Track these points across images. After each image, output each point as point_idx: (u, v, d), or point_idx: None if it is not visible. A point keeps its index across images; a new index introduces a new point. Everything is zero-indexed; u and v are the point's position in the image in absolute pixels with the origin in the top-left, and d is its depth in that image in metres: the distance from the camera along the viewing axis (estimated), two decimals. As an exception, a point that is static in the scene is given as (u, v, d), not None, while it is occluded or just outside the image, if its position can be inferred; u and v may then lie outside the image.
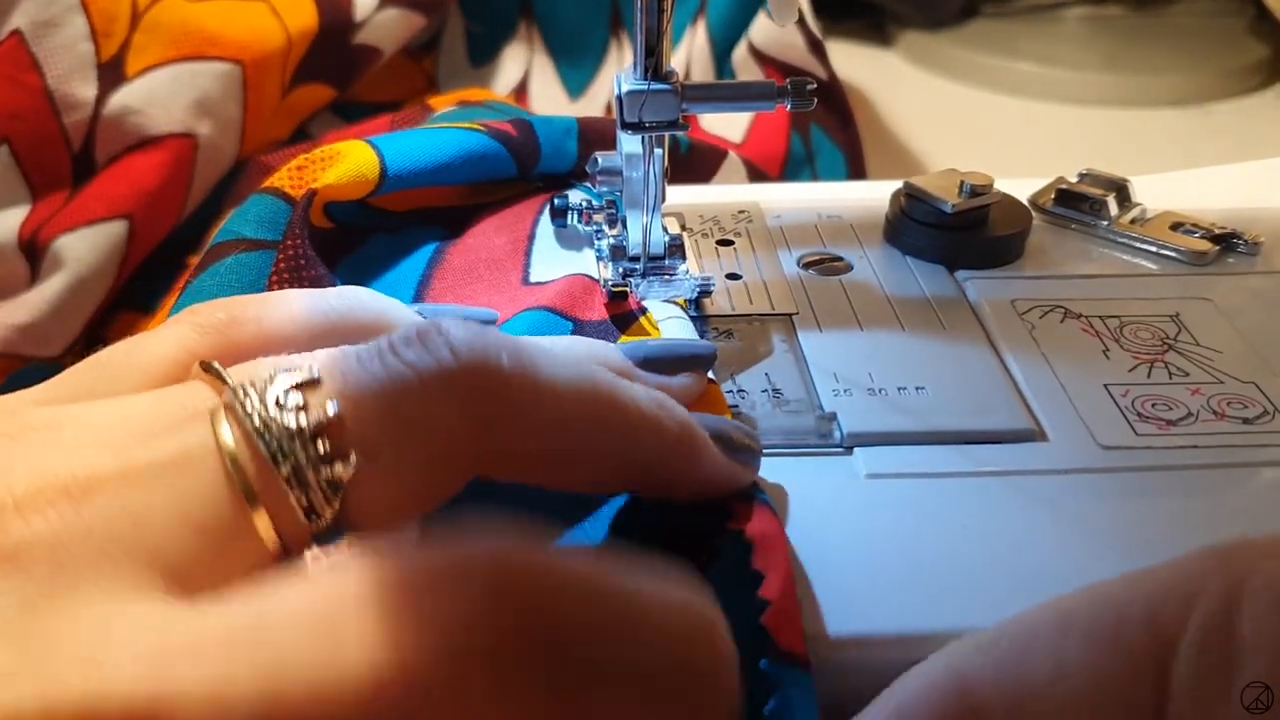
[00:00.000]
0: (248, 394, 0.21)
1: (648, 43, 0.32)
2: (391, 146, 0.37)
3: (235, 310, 0.26)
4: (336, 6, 0.52)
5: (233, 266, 0.33)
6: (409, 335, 0.22)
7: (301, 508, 0.20)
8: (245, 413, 0.21)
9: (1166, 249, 0.38)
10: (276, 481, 0.20)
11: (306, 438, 0.20)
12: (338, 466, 0.20)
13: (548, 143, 0.40)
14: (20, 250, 0.42)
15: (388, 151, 0.37)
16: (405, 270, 0.37)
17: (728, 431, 0.26)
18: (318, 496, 0.20)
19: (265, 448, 0.20)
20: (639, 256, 0.36)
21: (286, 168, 0.36)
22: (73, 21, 0.43)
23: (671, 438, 0.24)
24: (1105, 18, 0.76)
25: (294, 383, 0.21)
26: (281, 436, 0.20)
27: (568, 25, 0.64)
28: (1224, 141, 0.62)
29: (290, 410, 0.21)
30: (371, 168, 0.36)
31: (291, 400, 0.21)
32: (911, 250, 0.38)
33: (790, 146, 0.54)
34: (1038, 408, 0.31)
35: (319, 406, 0.21)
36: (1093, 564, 0.26)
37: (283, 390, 0.21)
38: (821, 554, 0.26)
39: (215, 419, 0.21)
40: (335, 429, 0.21)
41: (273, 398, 0.21)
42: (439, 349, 0.21)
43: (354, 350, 0.22)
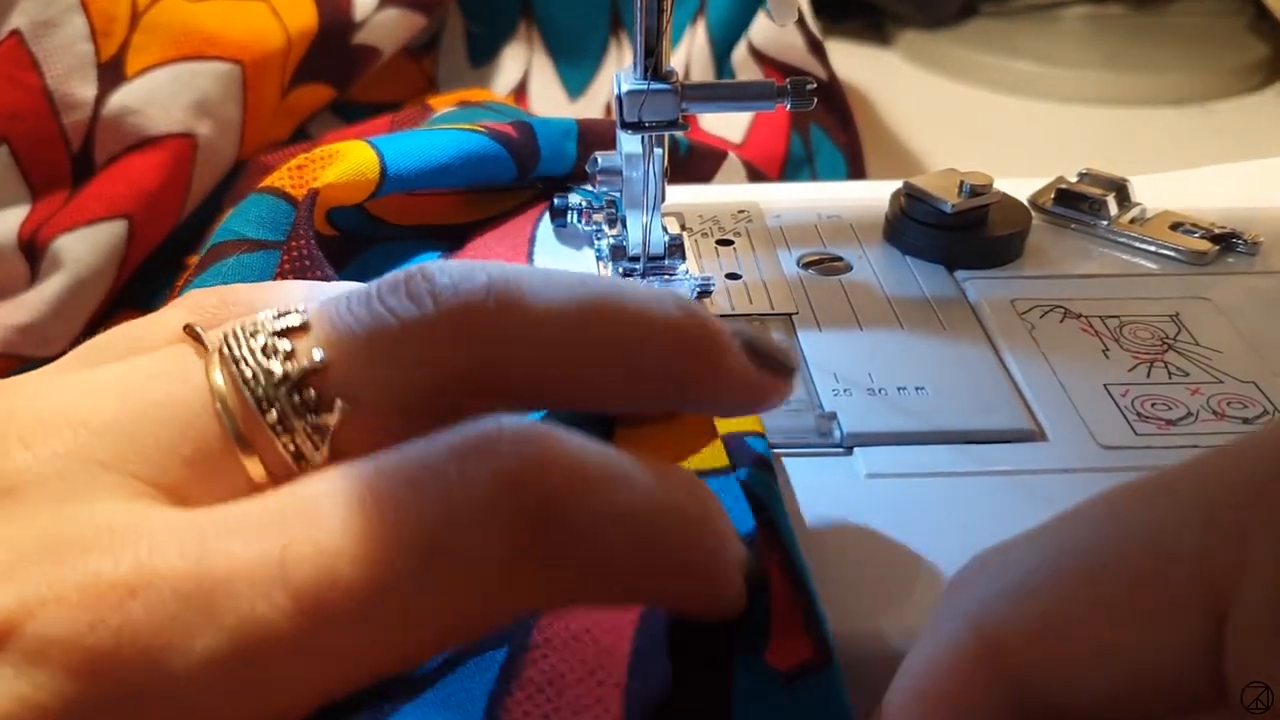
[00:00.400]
0: (238, 339, 0.21)
1: (647, 42, 0.32)
2: (391, 147, 0.37)
3: (228, 296, 0.26)
4: (336, 6, 0.52)
5: (235, 266, 0.33)
6: (395, 281, 0.22)
7: (289, 453, 0.21)
8: (234, 357, 0.21)
9: (1166, 249, 0.38)
10: (264, 427, 0.21)
11: (292, 385, 0.21)
12: (323, 414, 0.21)
13: (547, 145, 0.40)
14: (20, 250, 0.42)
15: (388, 151, 0.37)
16: None
17: (756, 338, 0.24)
18: (305, 442, 0.21)
19: (251, 394, 0.21)
20: (639, 256, 0.36)
21: (286, 166, 0.36)
22: (72, 21, 0.43)
23: (684, 335, 0.23)
24: (1105, 17, 0.76)
25: (283, 327, 0.21)
26: (268, 384, 0.21)
27: (567, 25, 0.64)
28: (1224, 141, 0.62)
29: (277, 357, 0.21)
30: (372, 167, 0.36)
31: (280, 346, 0.21)
32: (911, 250, 0.38)
33: (790, 147, 0.54)
34: (1037, 407, 0.31)
35: (305, 354, 0.21)
36: (1093, 564, 0.26)
37: (271, 335, 0.21)
38: (821, 554, 0.26)
39: (209, 363, 0.21)
40: (320, 376, 0.21)
41: (260, 343, 0.21)
42: (421, 295, 0.21)
43: (345, 296, 0.22)
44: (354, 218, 0.39)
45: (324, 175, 0.35)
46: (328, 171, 0.35)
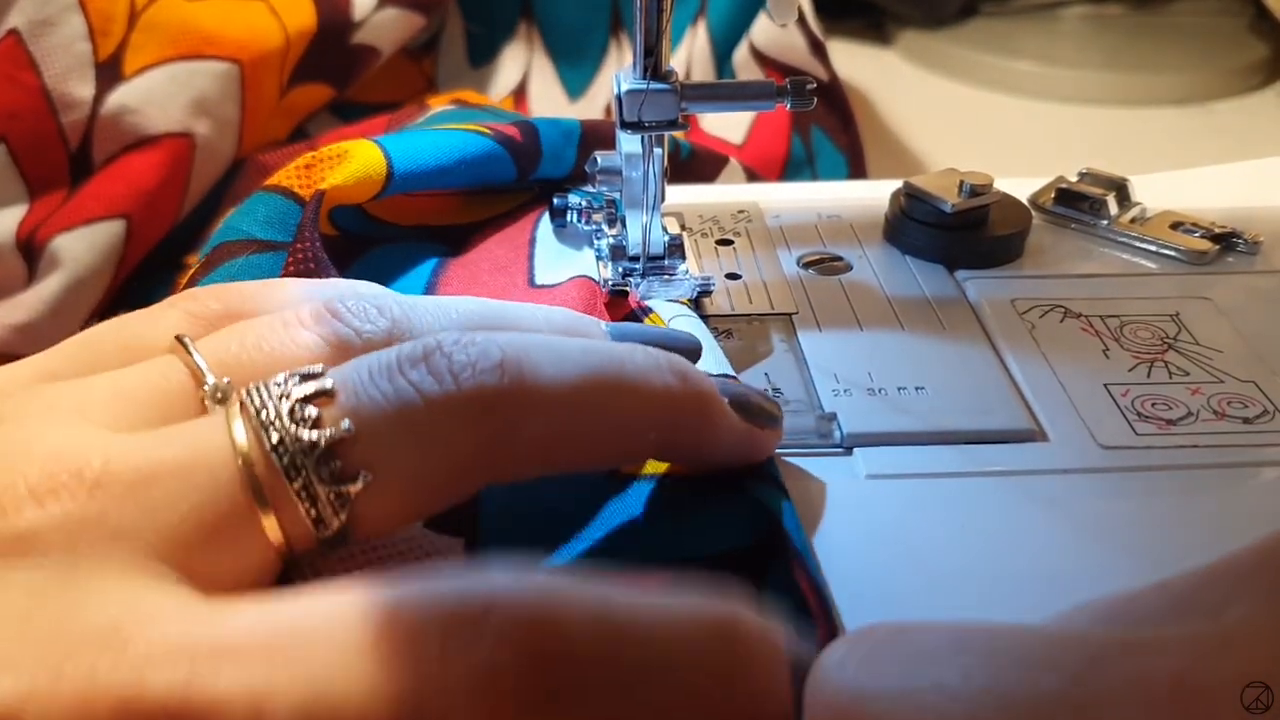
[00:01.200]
0: (264, 399, 0.22)
1: (647, 42, 0.32)
2: (398, 147, 0.37)
3: (232, 300, 0.26)
4: (335, 6, 0.52)
5: (244, 267, 0.33)
6: (416, 355, 0.22)
7: (310, 519, 0.21)
8: (261, 421, 0.21)
9: (1166, 248, 0.38)
10: (288, 492, 0.21)
11: (321, 454, 0.21)
12: (347, 484, 0.21)
13: (549, 148, 0.40)
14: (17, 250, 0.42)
15: (394, 152, 0.36)
16: (409, 280, 0.37)
17: (745, 396, 0.26)
18: (326, 509, 0.21)
19: (279, 461, 0.21)
20: (639, 256, 0.35)
21: (294, 166, 0.36)
22: (70, 21, 0.43)
23: (681, 403, 0.24)
24: (1105, 16, 0.76)
25: (309, 393, 0.22)
26: (296, 451, 0.21)
27: (567, 26, 0.64)
28: (1224, 140, 0.62)
29: (305, 424, 0.21)
30: (379, 168, 0.36)
31: (307, 413, 0.21)
32: (911, 250, 0.38)
33: (791, 148, 0.54)
34: (1038, 407, 0.30)
35: (333, 423, 0.21)
36: (1093, 564, 0.25)
37: (298, 400, 0.22)
38: (821, 554, 0.26)
39: (230, 419, 0.21)
40: (347, 446, 0.21)
41: (288, 408, 0.21)
42: (442, 373, 0.22)
43: (366, 365, 0.22)
44: (355, 218, 0.39)
45: (332, 176, 0.35)
46: (336, 172, 0.35)
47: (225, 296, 0.26)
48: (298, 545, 0.22)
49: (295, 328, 0.24)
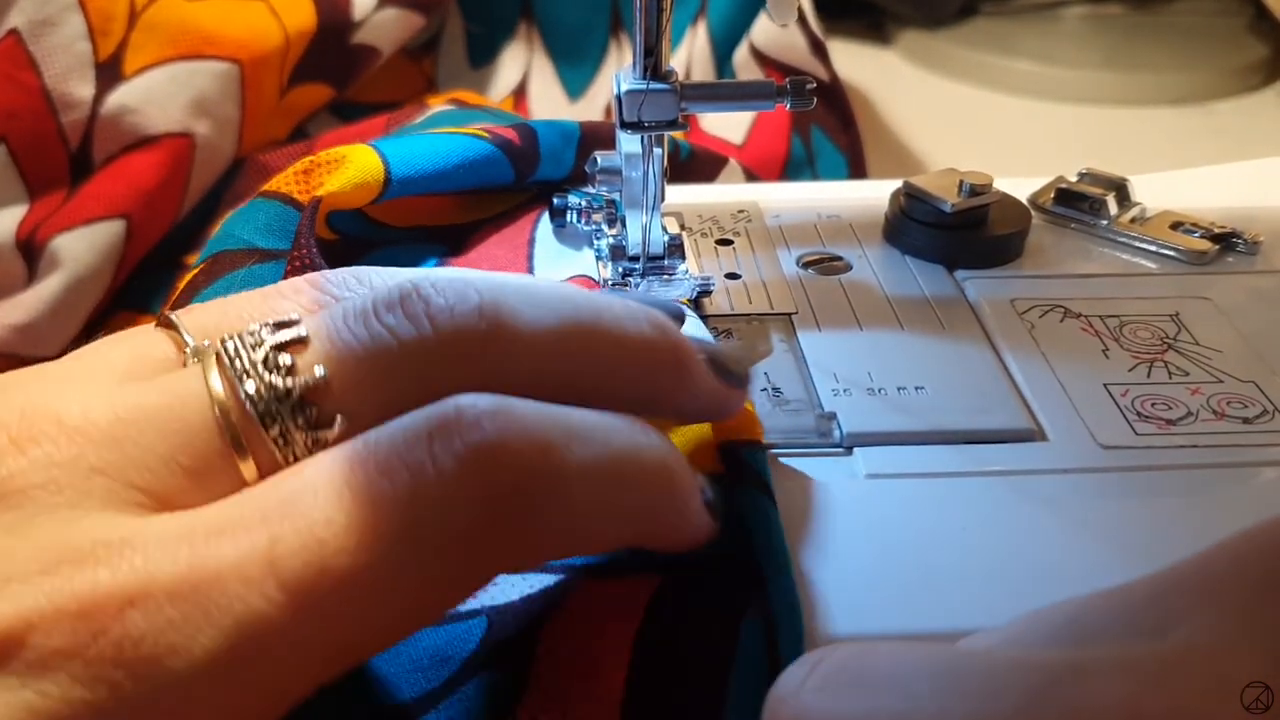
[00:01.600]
0: (239, 349, 0.22)
1: (646, 42, 0.32)
2: (396, 152, 0.37)
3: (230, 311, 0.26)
4: (335, 6, 0.52)
5: (246, 278, 0.33)
6: (391, 300, 0.22)
7: (287, 462, 0.21)
8: (235, 370, 0.22)
9: (1166, 248, 0.38)
10: (264, 439, 0.21)
11: (295, 401, 0.21)
12: (323, 429, 0.21)
13: (547, 151, 0.40)
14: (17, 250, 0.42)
15: (392, 157, 0.36)
16: None
17: (720, 354, 0.26)
18: (304, 453, 0.21)
19: (255, 409, 0.21)
20: (638, 256, 0.35)
21: (292, 171, 0.36)
22: (70, 20, 0.43)
23: (658, 353, 0.24)
24: (1105, 16, 0.76)
25: (283, 340, 0.22)
26: (270, 398, 0.21)
27: (568, 26, 0.64)
28: (1224, 140, 0.62)
29: (279, 372, 0.21)
30: (376, 173, 0.36)
31: (281, 360, 0.22)
32: (911, 250, 0.38)
33: (791, 148, 0.54)
34: (1037, 407, 0.30)
35: (307, 369, 0.22)
36: (1093, 563, 0.26)
37: (272, 348, 0.22)
38: (821, 554, 0.26)
39: (206, 369, 0.22)
40: (321, 392, 0.21)
41: (261, 355, 0.22)
42: (418, 315, 0.22)
43: (340, 310, 0.23)
44: (353, 221, 0.39)
45: (330, 182, 0.35)
46: (333, 178, 0.35)
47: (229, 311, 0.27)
48: None
49: (274, 298, 0.25)
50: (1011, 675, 0.18)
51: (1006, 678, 0.18)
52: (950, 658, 0.19)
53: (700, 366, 0.25)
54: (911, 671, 0.19)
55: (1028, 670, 0.18)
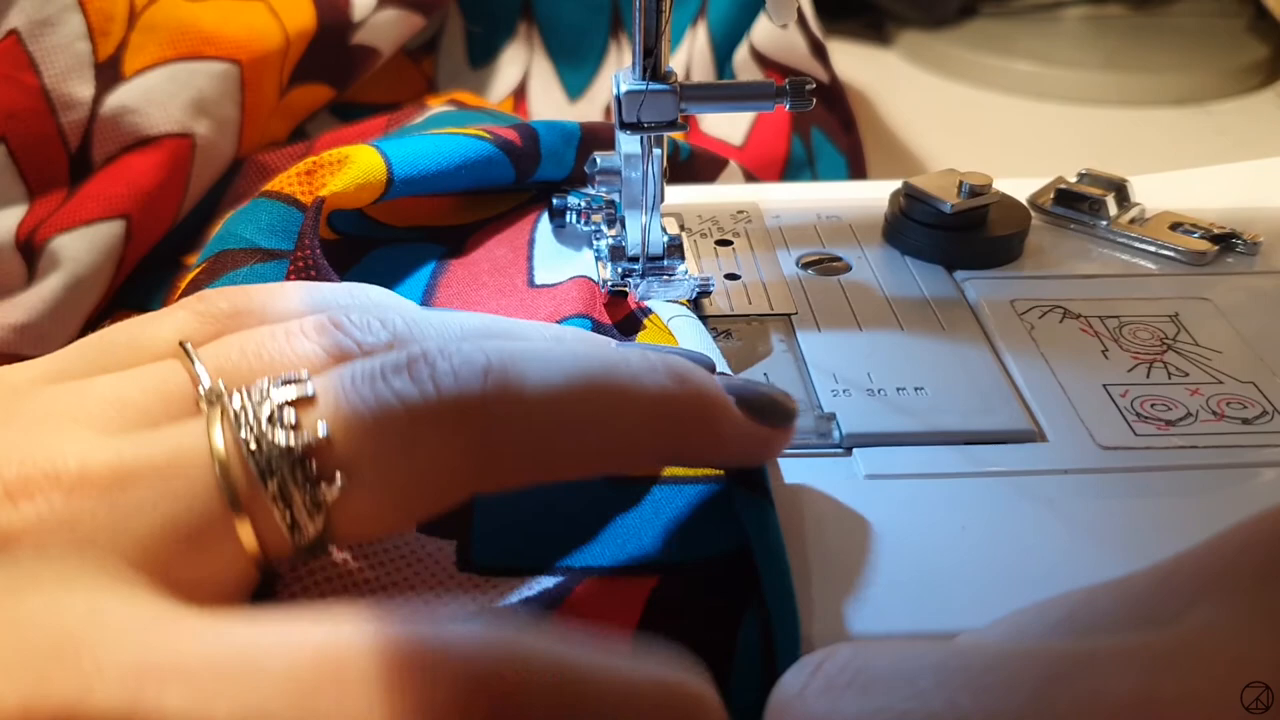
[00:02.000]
0: (245, 403, 0.22)
1: (646, 43, 0.32)
2: (398, 152, 0.37)
3: (239, 302, 0.26)
4: (335, 6, 0.52)
5: (248, 277, 0.33)
6: (400, 363, 0.22)
7: (285, 524, 0.21)
8: (239, 423, 0.21)
9: (1166, 249, 0.38)
10: (263, 497, 0.21)
11: (296, 458, 0.21)
12: (323, 488, 0.21)
13: (548, 151, 0.40)
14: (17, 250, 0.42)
15: (395, 157, 0.36)
16: (410, 283, 0.37)
17: (754, 393, 0.25)
18: (302, 514, 0.21)
19: (255, 464, 0.21)
20: (638, 257, 0.35)
21: (295, 172, 0.36)
22: (70, 21, 0.43)
23: (679, 407, 0.24)
24: (1104, 17, 0.76)
25: (290, 398, 0.22)
26: (272, 454, 0.21)
27: (568, 27, 0.64)
28: (1223, 141, 0.62)
29: (283, 428, 0.21)
30: (379, 174, 0.36)
31: (286, 417, 0.21)
32: (910, 250, 0.38)
33: (791, 149, 0.54)
34: (1037, 408, 0.31)
35: (310, 427, 0.21)
36: (1092, 564, 0.26)
37: (278, 405, 0.22)
38: (821, 555, 0.26)
39: (210, 422, 0.21)
40: (324, 451, 0.21)
41: (267, 411, 0.21)
42: (424, 380, 0.22)
43: (349, 371, 0.22)
44: (354, 221, 0.39)
45: (333, 183, 0.35)
46: (336, 179, 0.35)
47: (234, 298, 0.27)
48: (274, 553, 0.21)
49: (297, 337, 0.24)
50: (1021, 667, 0.18)
51: (1016, 670, 0.18)
52: (955, 653, 0.19)
53: (730, 412, 0.25)
54: (916, 669, 0.19)
55: (1037, 661, 0.18)
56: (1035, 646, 0.19)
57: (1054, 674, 0.18)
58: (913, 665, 0.19)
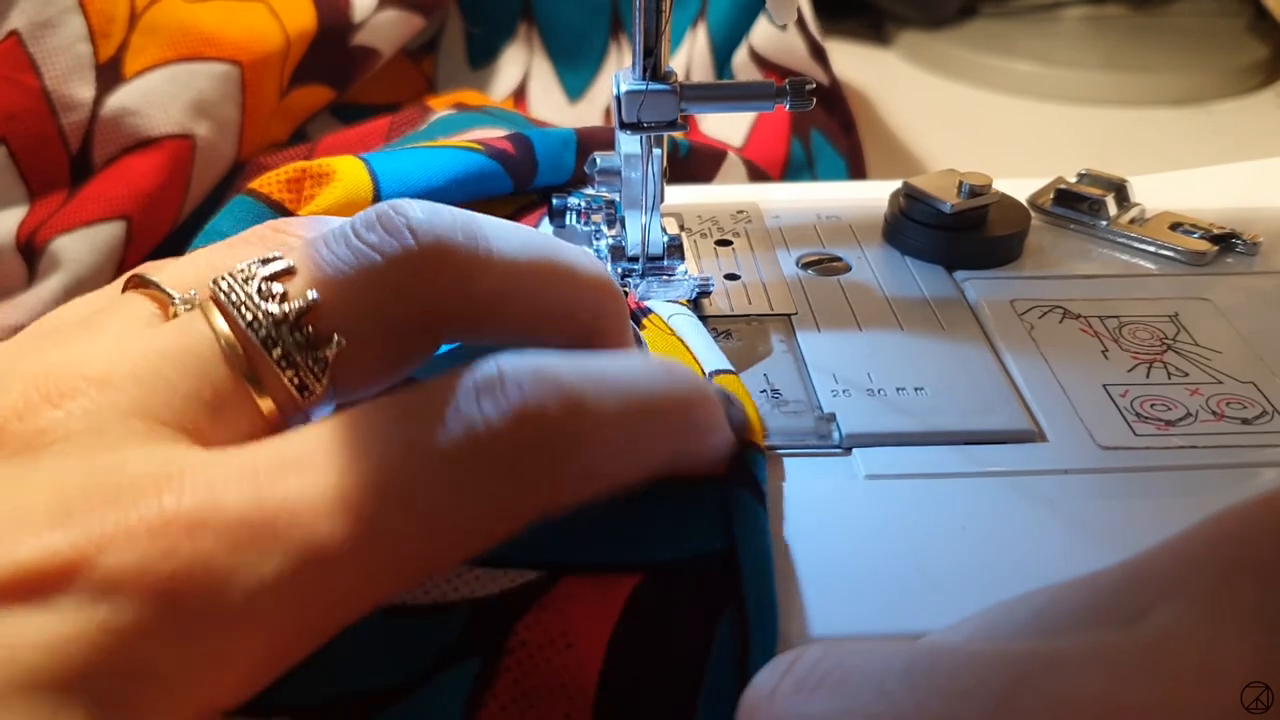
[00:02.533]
0: (231, 286, 0.23)
1: (646, 43, 0.32)
2: (387, 168, 0.36)
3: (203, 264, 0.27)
4: (335, 7, 0.52)
5: None
6: (370, 219, 0.24)
7: (294, 386, 0.23)
8: (232, 303, 0.23)
9: (1165, 249, 0.38)
10: (270, 364, 0.22)
11: (292, 324, 0.23)
12: (322, 348, 0.23)
13: (545, 158, 0.40)
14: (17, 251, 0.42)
15: (382, 174, 0.36)
16: None
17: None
18: (308, 375, 0.23)
19: (255, 336, 0.22)
20: (638, 257, 0.36)
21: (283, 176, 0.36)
22: (70, 22, 0.43)
23: (613, 297, 0.26)
24: (1104, 17, 0.76)
25: (272, 272, 0.23)
26: (269, 324, 0.22)
27: (567, 28, 0.64)
28: (1223, 141, 0.62)
29: (273, 299, 0.23)
30: (365, 190, 0.36)
31: (274, 289, 0.23)
32: (910, 250, 0.38)
33: (790, 151, 0.54)
34: (1037, 408, 0.31)
35: (299, 295, 0.23)
36: (1092, 564, 0.25)
37: (263, 280, 0.23)
38: (820, 555, 0.26)
39: (206, 309, 0.23)
40: (316, 314, 0.23)
41: (255, 288, 0.23)
42: (399, 230, 0.23)
43: (320, 238, 0.24)
44: None
45: (319, 198, 0.35)
46: (322, 195, 0.35)
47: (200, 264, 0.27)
48: (289, 412, 0.23)
49: (240, 246, 0.26)
50: (988, 668, 0.18)
51: (983, 671, 0.18)
52: (924, 654, 0.19)
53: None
54: (885, 669, 0.19)
55: (1004, 663, 0.18)
56: (1002, 648, 0.19)
57: (1020, 676, 0.18)
58: (882, 666, 0.19)
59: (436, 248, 0.23)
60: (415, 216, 0.24)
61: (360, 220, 0.24)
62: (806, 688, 0.19)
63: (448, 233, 0.24)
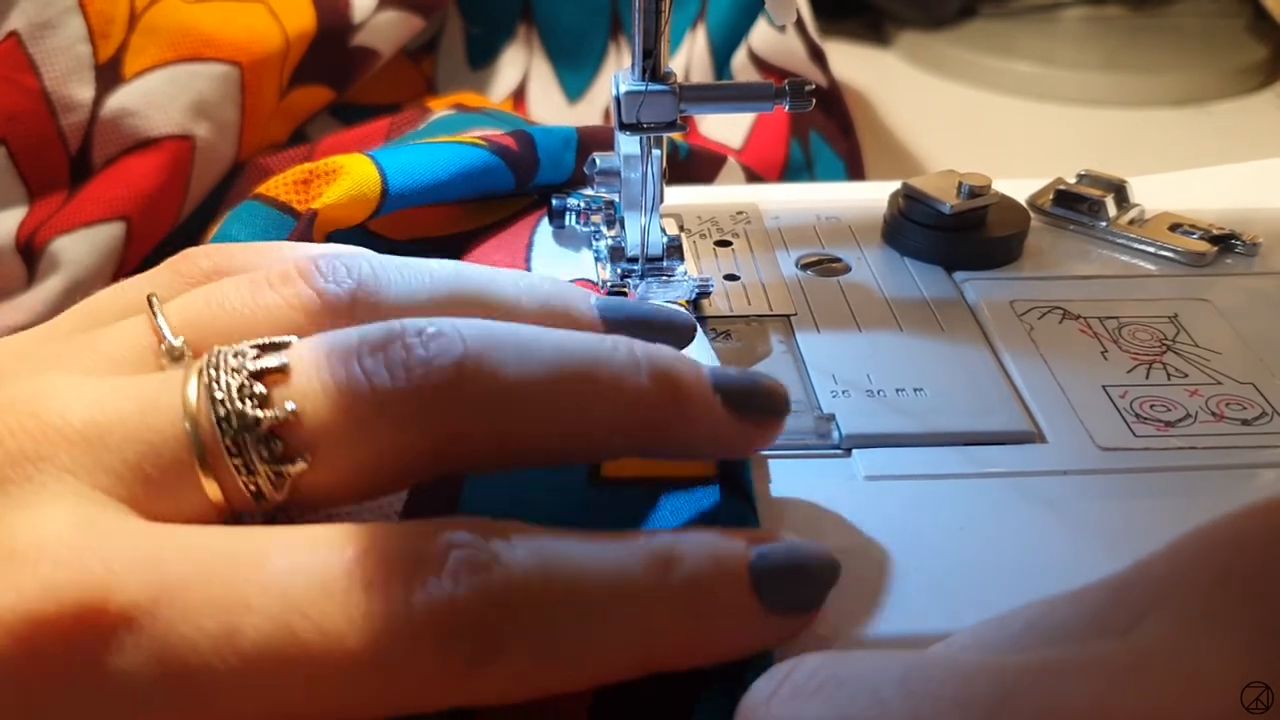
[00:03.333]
0: (218, 369, 0.22)
1: (645, 43, 0.32)
2: (394, 163, 0.37)
3: (220, 259, 0.27)
4: (335, 8, 0.52)
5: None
6: (376, 343, 0.22)
7: (250, 491, 0.22)
8: (212, 391, 0.22)
9: (1165, 250, 0.38)
10: (228, 464, 0.22)
11: (263, 434, 0.21)
12: (286, 465, 0.22)
13: (546, 155, 0.40)
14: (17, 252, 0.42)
15: (389, 168, 0.36)
16: None
17: (737, 385, 0.24)
18: (265, 484, 0.22)
19: (222, 434, 0.21)
20: (637, 258, 0.36)
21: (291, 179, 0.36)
22: (70, 23, 0.43)
23: (652, 407, 0.24)
24: (1104, 18, 0.76)
25: (265, 368, 0.22)
26: (240, 427, 0.21)
27: (567, 28, 0.64)
28: (1222, 142, 0.62)
29: (253, 401, 0.22)
30: (373, 186, 0.36)
31: (257, 390, 0.22)
32: (910, 251, 0.38)
33: (789, 153, 0.54)
34: (1036, 409, 0.31)
35: (279, 403, 0.22)
36: (1091, 564, 0.25)
37: (250, 374, 0.22)
38: (820, 556, 0.26)
39: (185, 380, 0.22)
40: (290, 428, 0.22)
41: (238, 383, 0.22)
42: (396, 365, 0.22)
43: (326, 345, 0.23)
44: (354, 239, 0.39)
45: (327, 193, 0.35)
46: (331, 190, 0.35)
47: (214, 255, 0.27)
48: (239, 508, 0.22)
49: (262, 287, 0.25)
50: (982, 678, 0.18)
51: (976, 681, 0.18)
52: (919, 663, 0.19)
53: (708, 409, 0.24)
54: (881, 679, 0.19)
55: (997, 672, 0.18)
56: (996, 660, 0.19)
57: (1013, 685, 0.18)
58: (878, 675, 0.19)
59: (431, 391, 0.22)
60: (417, 354, 0.22)
61: (370, 341, 0.22)
62: (803, 694, 0.19)
63: (447, 375, 0.22)
